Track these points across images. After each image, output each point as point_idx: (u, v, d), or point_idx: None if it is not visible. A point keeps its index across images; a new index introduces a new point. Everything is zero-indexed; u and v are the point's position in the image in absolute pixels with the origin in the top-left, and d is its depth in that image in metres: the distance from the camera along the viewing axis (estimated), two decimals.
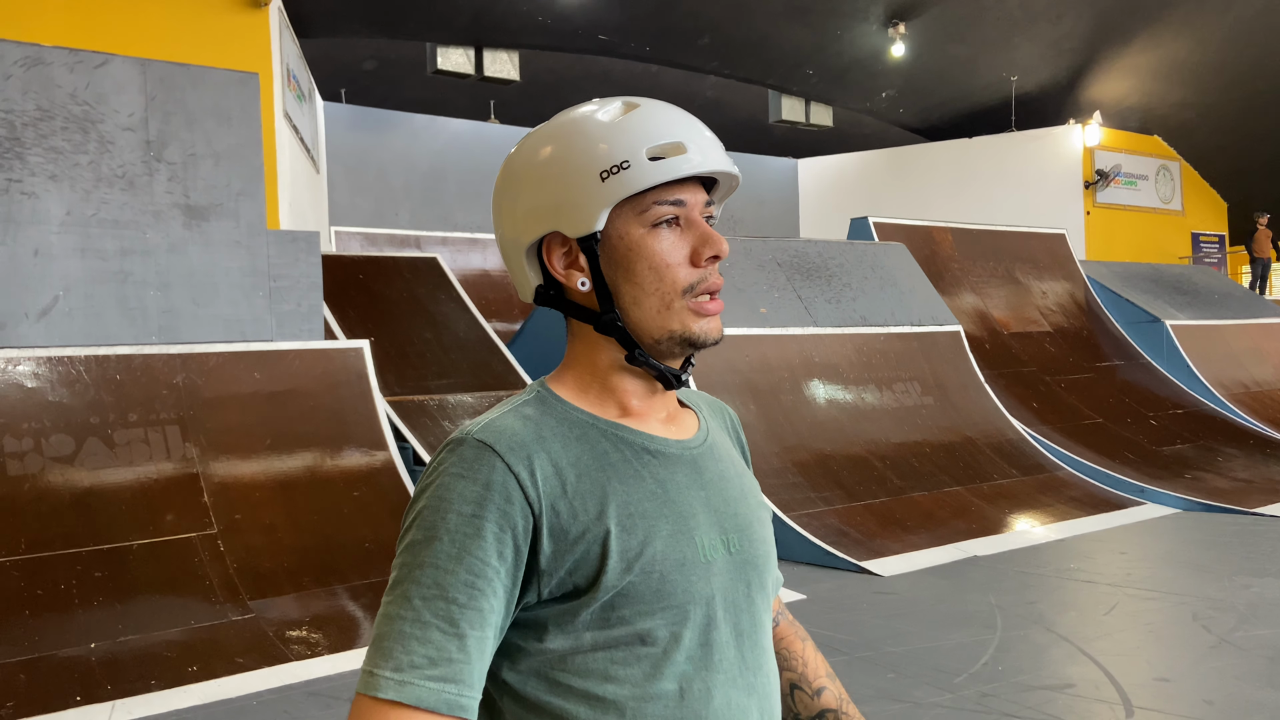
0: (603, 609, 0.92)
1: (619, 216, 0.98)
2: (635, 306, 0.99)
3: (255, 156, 6.14)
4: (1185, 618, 4.88)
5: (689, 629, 0.95)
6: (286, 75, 9.37)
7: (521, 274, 1.04)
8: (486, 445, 0.92)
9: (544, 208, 0.99)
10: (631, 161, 0.95)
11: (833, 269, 8.75)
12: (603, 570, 0.91)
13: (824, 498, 6.74)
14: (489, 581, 0.88)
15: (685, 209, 0.99)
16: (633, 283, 0.98)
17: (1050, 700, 3.84)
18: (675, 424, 1.06)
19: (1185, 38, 15.76)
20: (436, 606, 0.87)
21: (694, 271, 0.99)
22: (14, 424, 5.00)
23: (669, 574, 0.94)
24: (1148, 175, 17.74)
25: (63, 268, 5.46)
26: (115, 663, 4.22)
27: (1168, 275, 12.42)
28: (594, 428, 0.98)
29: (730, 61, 16.15)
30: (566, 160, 0.98)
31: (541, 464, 0.92)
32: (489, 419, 0.96)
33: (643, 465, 0.98)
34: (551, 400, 1.00)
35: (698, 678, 0.95)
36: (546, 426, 0.96)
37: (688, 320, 0.99)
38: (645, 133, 0.97)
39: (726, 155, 1.02)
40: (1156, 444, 8.94)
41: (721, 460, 1.06)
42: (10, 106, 5.38)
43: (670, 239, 0.98)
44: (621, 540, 0.92)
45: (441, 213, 15.47)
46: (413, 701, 0.84)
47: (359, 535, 5.42)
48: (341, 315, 7.42)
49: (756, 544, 1.04)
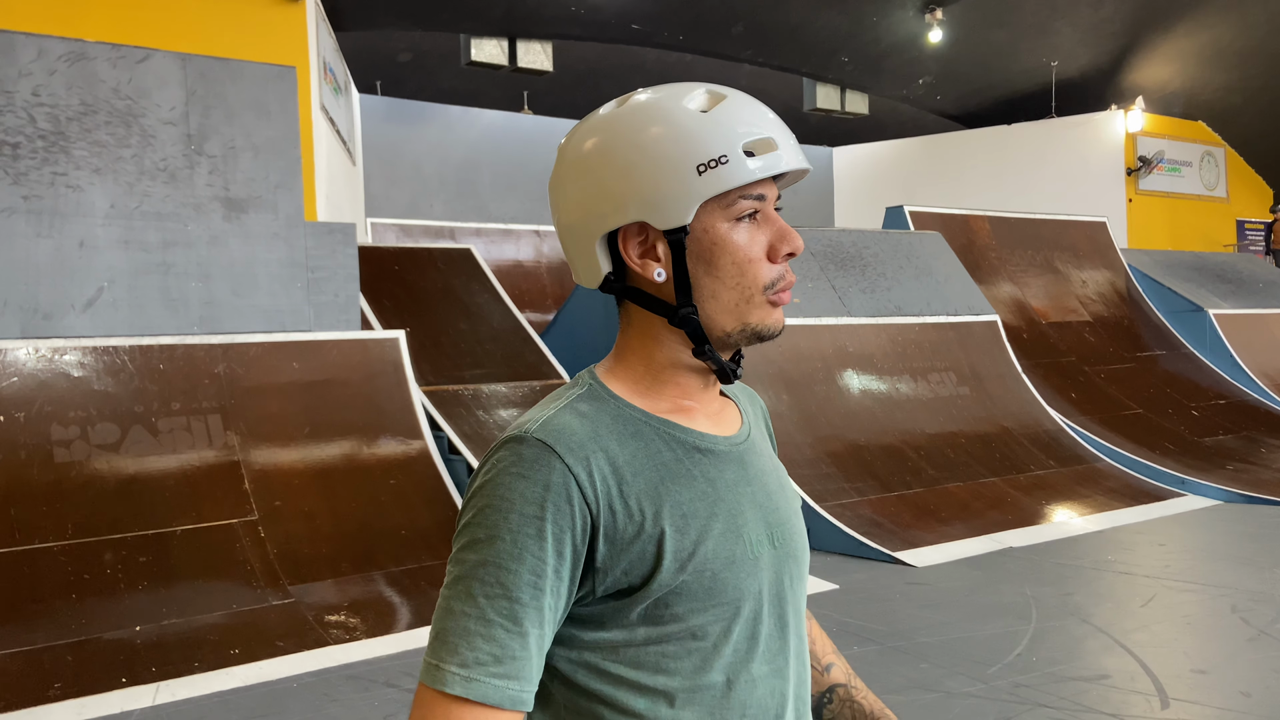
0: (655, 605, 0.94)
1: (704, 209, 0.98)
2: (713, 299, 0.99)
3: (293, 149, 6.22)
4: (1224, 610, 4.82)
5: (738, 623, 0.97)
6: (323, 68, 9.47)
7: (587, 260, 1.02)
8: (546, 445, 0.92)
9: (630, 197, 0.97)
10: (729, 157, 0.95)
11: (867, 258, 8.69)
12: (657, 569, 0.93)
13: (857, 488, 6.72)
14: (550, 580, 0.90)
15: (764, 204, 0.99)
16: (714, 276, 0.98)
17: (1084, 691, 3.81)
18: (721, 418, 1.07)
19: (1230, 21, 15.42)
20: (500, 605, 0.89)
21: (774, 268, 1.00)
22: (61, 412, 5.12)
23: (720, 572, 0.96)
24: (1191, 161, 17.41)
25: (107, 260, 5.57)
26: (159, 645, 4.33)
27: (1211, 263, 12.19)
28: (647, 425, 0.99)
29: (764, 49, 16.06)
30: (659, 150, 0.96)
31: (599, 464, 0.93)
32: (546, 416, 0.96)
33: (694, 464, 0.99)
34: (604, 395, 1.00)
35: (744, 669, 0.98)
36: (602, 424, 0.97)
37: (764, 314, 1.00)
38: (741, 126, 0.97)
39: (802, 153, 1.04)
40: (1198, 435, 8.80)
41: (762, 455, 1.08)
42: (55, 101, 5.49)
43: (750, 234, 0.99)
44: (675, 540, 0.94)
45: (475, 204, 15.56)
46: (478, 698, 0.87)
47: (395, 522, 5.49)
48: (377, 306, 7.50)
49: (795, 536, 1.06)
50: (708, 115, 0.97)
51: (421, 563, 5.28)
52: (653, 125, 0.97)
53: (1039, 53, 16.20)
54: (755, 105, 1.00)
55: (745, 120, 0.97)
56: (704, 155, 0.95)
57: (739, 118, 0.97)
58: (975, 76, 17.14)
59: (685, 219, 0.96)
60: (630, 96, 1.01)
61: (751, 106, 1.00)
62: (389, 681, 4.11)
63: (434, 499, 5.75)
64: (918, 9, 15.07)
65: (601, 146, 0.99)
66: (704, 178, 0.95)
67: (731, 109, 0.98)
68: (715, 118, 0.97)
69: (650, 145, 0.97)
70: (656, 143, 0.96)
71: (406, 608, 4.90)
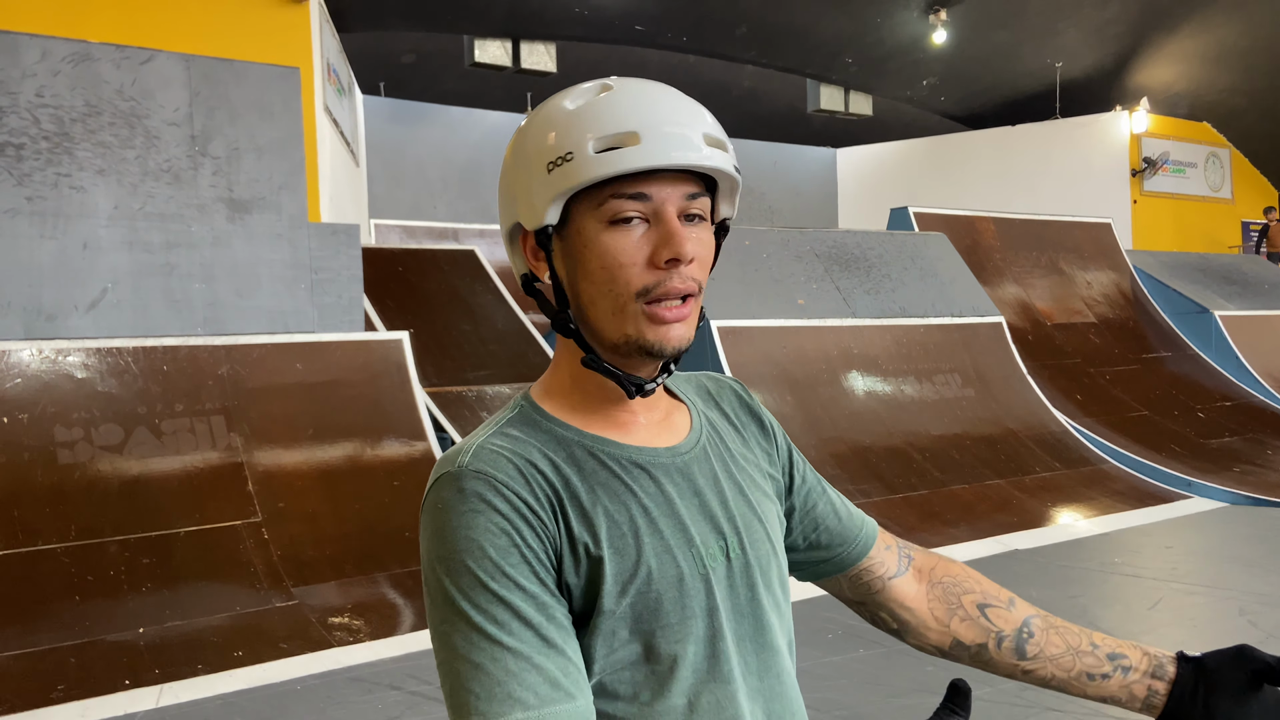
0: (605, 635, 0.90)
1: (578, 209, 0.92)
2: (591, 306, 0.93)
3: (297, 150, 6.22)
4: (1232, 613, 4.79)
5: (692, 644, 0.92)
6: (327, 69, 9.47)
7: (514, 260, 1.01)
8: (483, 475, 0.89)
9: (507, 196, 0.97)
10: (575, 153, 0.89)
11: (872, 259, 8.67)
12: (599, 595, 0.89)
13: (862, 490, 6.70)
14: (550, 596, 0.87)
15: (652, 204, 0.90)
16: (588, 281, 0.92)
17: None
18: (666, 426, 1.01)
19: (1235, 22, 15.39)
20: (526, 636, 0.85)
21: (651, 274, 0.91)
22: (64, 414, 5.12)
23: (666, 592, 0.91)
24: (1196, 163, 17.36)
25: (110, 260, 5.57)
26: (163, 647, 4.31)
27: (1216, 265, 12.15)
28: (579, 444, 0.94)
29: (768, 51, 16.04)
30: (522, 149, 0.95)
31: (539, 484, 0.90)
32: (477, 444, 0.92)
33: (632, 480, 0.94)
34: (535, 416, 0.96)
35: (706, 690, 0.93)
36: (533, 448, 0.92)
37: (642, 326, 0.92)
38: (598, 120, 0.90)
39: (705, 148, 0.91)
40: (1204, 437, 8.77)
41: (716, 459, 1.02)
42: (59, 102, 5.49)
43: (630, 237, 0.91)
44: (615, 564, 0.90)
45: (479, 205, 15.56)
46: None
47: (399, 524, 5.48)
48: (381, 307, 7.50)
49: (758, 543, 1.00)
50: (572, 110, 0.92)
51: None
52: (527, 125, 0.95)
53: (1043, 54, 16.17)
54: (640, 96, 0.92)
55: (611, 113, 0.90)
56: (553, 152, 0.90)
57: (605, 111, 0.90)
58: (979, 77, 17.11)
59: (542, 219, 0.92)
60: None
61: (630, 98, 0.91)
62: (393, 684, 4.10)
63: None
64: (922, 10, 15.05)
65: (510, 146, 0.98)
66: (552, 175, 0.90)
67: (603, 102, 0.91)
68: (578, 112, 0.91)
69: (520, 143, 0.95)
70: (523, 140, 0.95)
71: (410, 610, 4.89)
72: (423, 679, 4.15)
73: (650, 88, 0.94)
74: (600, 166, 0.89)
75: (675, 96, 0.94)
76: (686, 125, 0.91)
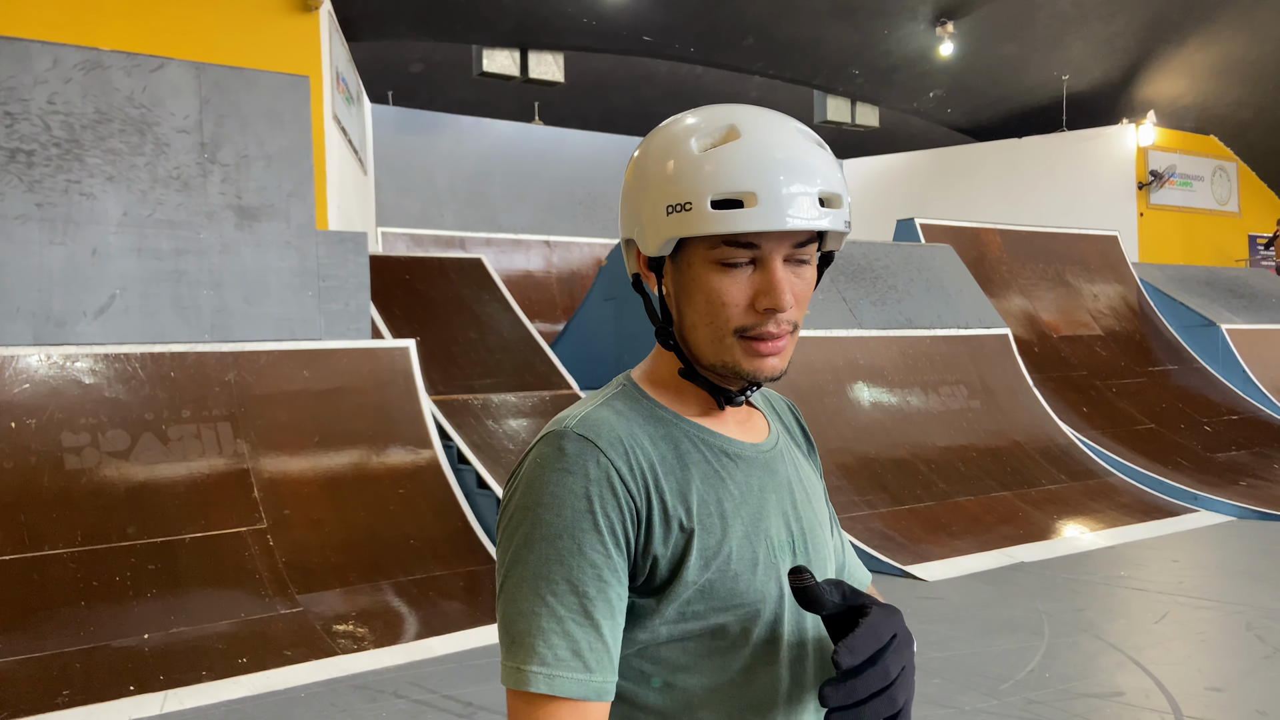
0: (681, 603, 0.95)
1: (692, 244, 0.98)
2: (693, 331, 1.00)
3: (305, 158, 6.24)
4: (1239, 627, 4.77)
5: (759, 625, 0.99)
6: (336, 78, 9.51)
7: (627, 259, 1.07)
8: (588, 439, 0.95)
9: (629, 209, 1.02)
10: (694, 205, 0.95)
11: (878, 270, 8.67)
12: (684, 566, 0.95)
13: (868, 501, 6.68)
14: (612, 572, 0.92)
15: (760, 252, 0.96)
16: (692, 309, 1.00)
17: (1098, 709, 3.77)
18: (749, 425, 1.09)
19: (1242, 35, 15.38)
20: (569, 601, 0.90)
21: (750, 315, 0.97)
22: (72, 419, 5.13)
23: (743, 573, 0.97)
24: (1203, 176, 17.34)
25: (119, 267, 5.59)
26: (168, 653, 4.32)
27: (1223, 278, 12.13)
28: (677, 427, 1.01)
29: (775, 62, 16.07)
30: (645, 182, 1.00)
31: (638, 459, 0.96)
32: (585, 412, 0.99)
33: (721, 467, 1.01)
34: (639, 396, 1.03)
35: (763, 671, 0.99)
36: (636, 422, 0.99)
37: (739, 356, 0.99)
38: (718, 175, 0.94)
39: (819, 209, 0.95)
40: (1210, 450, 8.74)
41: (789, 463, 1.09)
42: (70, 109, 5.52)
43: (737, 280, 0.97)
44: (702, 539, 0.96)
45: (486, 214, 15.58)
46: (564, 693, 0.89)
47: (404, 532, 5.48)
48: (388, 315, 7.51)
49: (820, 546, 1.07)
50: (699, 156, 0.96)
51: (430, 573, 5.27)
52: (656, 155, 1.00)
53: (1050, 66, 16.18)
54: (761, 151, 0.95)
55: (733, 168, 0.94)
56: (674, 198, 0.96)
57: (727, 164, 0.94)
58: (986, 89, 17.12)
59: (656, 252, 0.99)
60: (683, 115, 1.03)
61: (752, 153, 0.95)
62: (397, 692, 4.09)
63: (443, 509, 5.74)
64: (929, 22, 15.07)
65: (634, 161, 1.03)
66: (670, 219, 0.96)
67: (726, 154, 0.95)
68: (700, 161, 0.95)
69: (646, 175, 1.00)
70: (650, 175, 0.99)
71: (415, 618, 4.88)
72: (427, 687, 4.14)
73: (775, 140, 0.96)
74: (716, 224, 0.94)
75: (800, 151, 0.97)
76: (805, 184, 0.95)
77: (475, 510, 5.85)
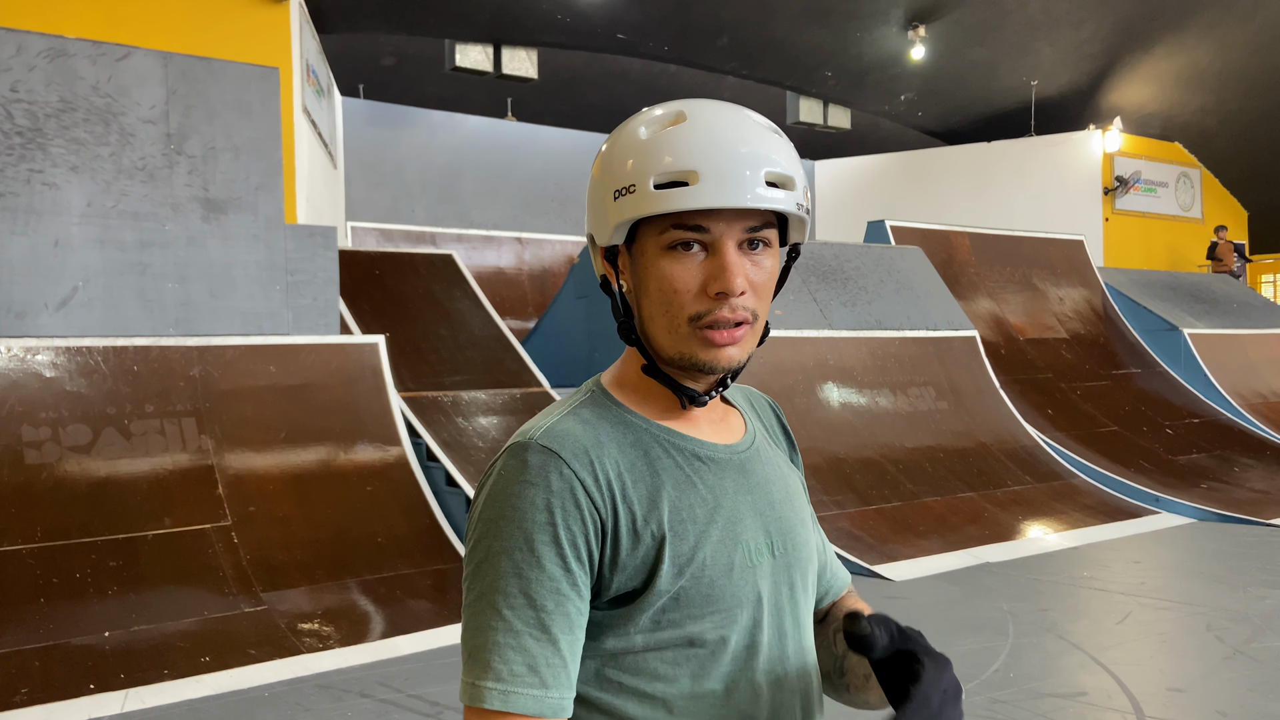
0: (654, 612, 0.94)
1: (645, 231, 0.97)
2: (651, 322, 0.99)
3: (274, 151, 6.17)
4: (1199, 628, 4.84)
5: (736, 632, 0.97)
6: (306, 70, 9.41)
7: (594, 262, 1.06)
8: (551, 451, 0.93)
9: (589, 206, 1.02)
10: (638, 186, 0.94)
11: (849, 272, 8.72)
12: (656, 574, 0.94)
13: (836, 501, 6.72)
14: (571, 585, 0.91)
15: (710, 235, 0.95)
16: (648, 299, 0.98)
17: (1061, 708, 3.82)
18: (724, 425, 1.07)
19: (1208, 44, 15.64)
20: (527, 615, 0.89)
21: (703, 301, 0.95)
22: (32, 413, 5.04)
23: (717, 579, 0.96)
24: (1168, 182, 17.61)
25: (82, 259, 5.50)
26: (129, 652, 4.25)
27: (1186, 283, 12.32)
28: (647, 432, 1.00)
29: (749, 62, 16.12)
30: (598, 172, 1.00)
31: (603, 469, 0.94)
32: (549, 423, 0.97)
33: (693, 470, 0.99)
34: (606, 402, 1.02)
35: (743, 678, 0.98)
36: (604, 430, 0.98)
37: (694, 347, 0.97)
38: (661, 156, 0.94)
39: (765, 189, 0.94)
40: (1172, 453, 8.87)
41: (767, 463, 1.07)
42: (34, 98, 5.42)
43: (688, 265, 0.95)
44: (674, 545, 0.95)
45: (458, 210, 15.50)
46: (518, 710, 0.88)
47: (371, 529, 5.44)
48: (357, 310, 7.44)
49: (800, 546, 1.05)
50: (644, 140, 0.96)
51: (397, 571, 5.23)
52: (612, 142, 1.00)
53: (1019, 72, 16.36)
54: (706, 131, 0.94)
55: (676, 149, 0.93)
56: (620, 182, 0.96)
57: (671, 146, 0.94)
58: (956, 94, 17.28)
59: (608, 239, 0.99)
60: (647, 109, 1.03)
61: (695, 134, 0.94)
62: (363, 692, 4.06)
63: (411, 507, 5.70)
64: (901, 26, 15.18)
65: (597, 157, 1.03)
66: (617, 204, 0.97)
67: (671, 136, 0.95)
68: (646, 144, 0.96)
69: (599, 165, 1.01)
70: (601, 164, 1.00)
71: (381, 617, 4.84)
72: (393, 687, 4.11)
73: (721, 121, 0.96)
74: (656, 203, 0.94)
75: (744, 131, 0.96)
76: (748, 165, 0.94)
77: (444, 508, 5.81)
